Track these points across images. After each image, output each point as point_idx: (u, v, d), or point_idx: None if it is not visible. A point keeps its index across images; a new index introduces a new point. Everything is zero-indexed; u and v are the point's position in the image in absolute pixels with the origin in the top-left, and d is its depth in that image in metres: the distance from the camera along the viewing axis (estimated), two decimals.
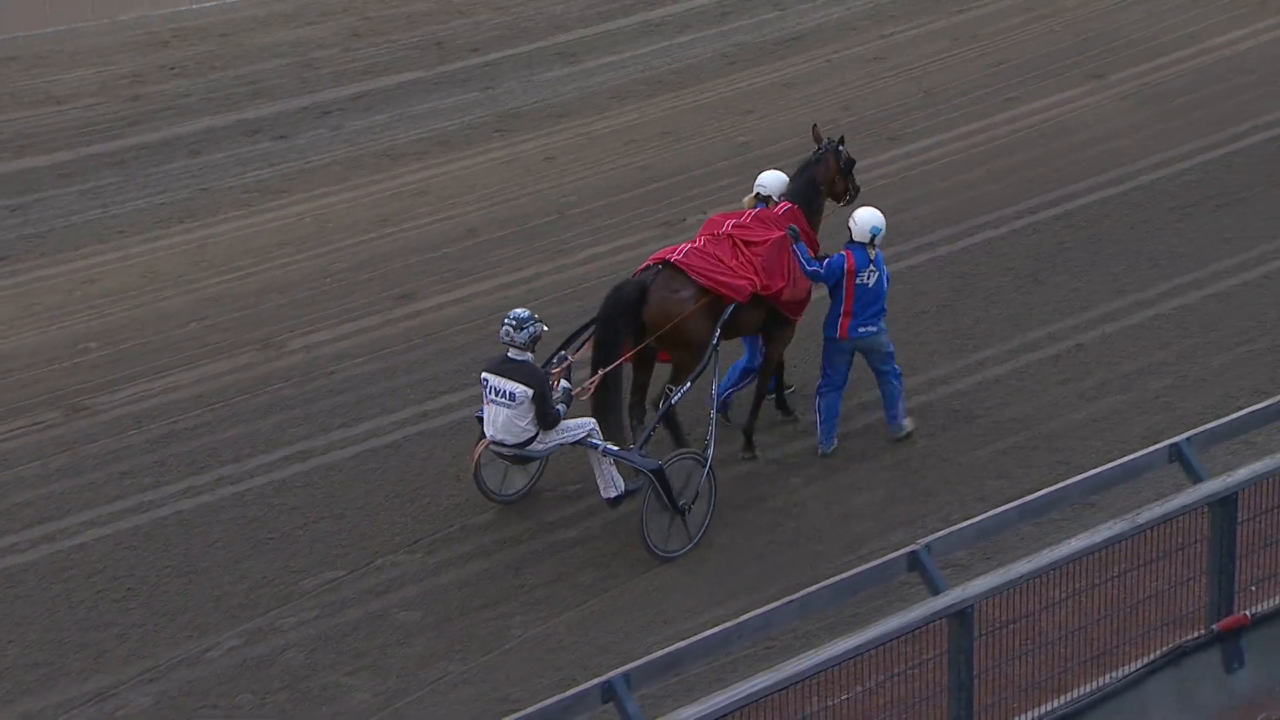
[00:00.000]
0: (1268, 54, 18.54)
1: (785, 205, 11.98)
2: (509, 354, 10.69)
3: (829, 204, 12.36)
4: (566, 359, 11.23)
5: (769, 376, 11.88)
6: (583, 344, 11.35)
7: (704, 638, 7.54)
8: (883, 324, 11.73)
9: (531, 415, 10.59)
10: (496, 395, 10.66)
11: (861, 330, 11.63)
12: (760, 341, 11.89)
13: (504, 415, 10.64)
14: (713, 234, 11.58)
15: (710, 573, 10.69)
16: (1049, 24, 19.77)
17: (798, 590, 8.03)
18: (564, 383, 11.07)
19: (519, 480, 11.36)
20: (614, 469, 10.78)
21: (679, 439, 11.26)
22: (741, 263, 11.35)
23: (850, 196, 12.42)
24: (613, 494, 10.80)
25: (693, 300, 11.10)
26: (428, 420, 12.44)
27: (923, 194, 13.06)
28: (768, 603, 7.91)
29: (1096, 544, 8.00)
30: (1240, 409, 10.24)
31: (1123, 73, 18.17)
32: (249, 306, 14.18)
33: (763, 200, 12.11)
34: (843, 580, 7.90)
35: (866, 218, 11.72)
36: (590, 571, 10.72)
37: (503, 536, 11.06)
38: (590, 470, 10.94)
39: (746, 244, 11.47)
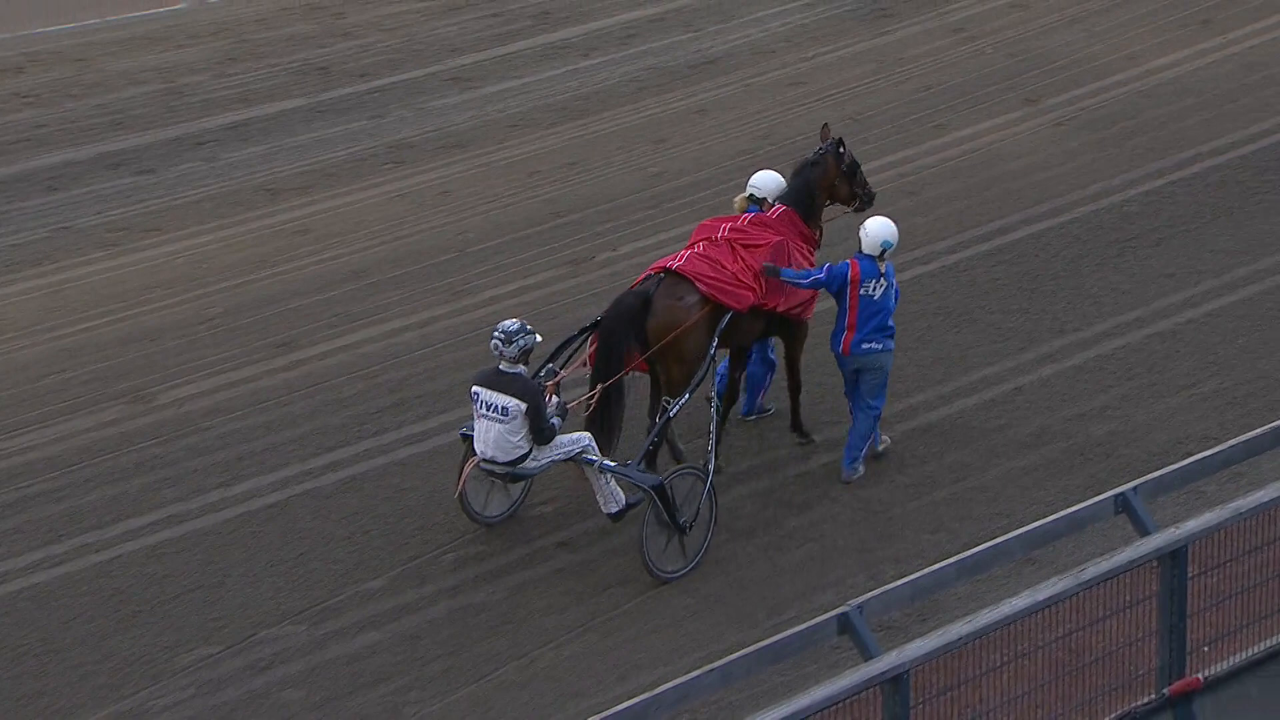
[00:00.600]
0: (1210, 76, 18.93)
1: (780, 208, 12.26)
2: (500, 367, 10.93)
3: (833, 209, 12.68)
4: (557, 373, 11.47)
5: (797, 374, 12.26)
6: (570, 358, 11.66)
7: (617, 712, 7.53)
8: (891, 344, 11.93)
9: (524, 431, 10.83)
10: (487, 410, 10.88)
11: (865, 346, 11.83)
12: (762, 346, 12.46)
13: (495, 431, 10.86)
14: (708, 239, 11.88)
15: (626, 639, 10.68)
16: (979, 46, 20.08)
17: (720, 657, 8.03)
18: (556, 397, 11.28)
19: (503, 499, 11.56)
20: (613, 483, 11.06)
21: (675, 453, 11.77)
22: (741, 268, 11.66)
23: (861, 200, 12.69)
24: (614, 509, 11.14)
25: (699, 307, 11.44)
26: (313, 479, 12.36)
27: (846, 226, 13.18)
28: (687, 671, 7.91)
29: (1039, 603, 8.07)
30: (1189, 456, 10.41)
31: (1058, 97, 18.48)
32: (113, 356, 14.03)
33: (756, 202, 12.38)
34: (767, 646, 7.92)
35: (878, 230, 11.91)
36: (494, 641, 10.68)
37: (397, 604, 11.00)
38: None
39: (745, 247, 11.77)
